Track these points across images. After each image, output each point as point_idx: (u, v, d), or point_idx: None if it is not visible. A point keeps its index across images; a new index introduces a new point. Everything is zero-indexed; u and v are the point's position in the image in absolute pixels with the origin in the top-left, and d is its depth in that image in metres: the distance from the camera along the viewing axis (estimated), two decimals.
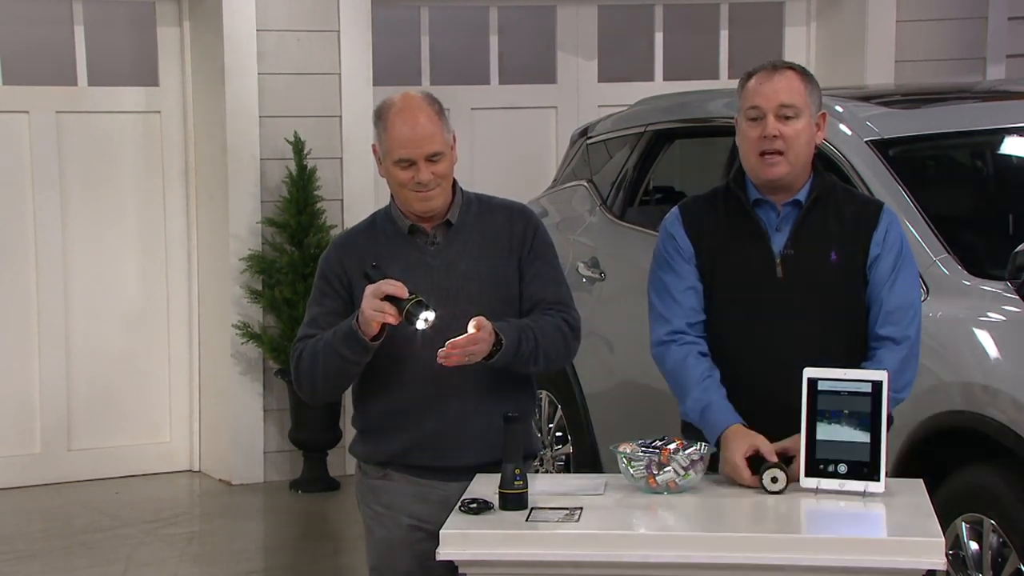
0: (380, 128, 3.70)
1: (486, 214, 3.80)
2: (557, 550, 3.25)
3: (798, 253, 3.72)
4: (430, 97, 3.73)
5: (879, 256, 3.71)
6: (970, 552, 4.27)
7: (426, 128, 3.65)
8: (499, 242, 3.76)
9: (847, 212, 3.77)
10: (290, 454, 7.56)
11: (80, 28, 7.56)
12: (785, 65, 3.79)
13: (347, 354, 3.59)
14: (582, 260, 6.13)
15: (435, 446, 3.71)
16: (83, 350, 7.66)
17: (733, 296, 3.74)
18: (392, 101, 3.71)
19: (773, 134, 3.67)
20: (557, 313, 3.73)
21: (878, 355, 3.66)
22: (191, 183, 7.79)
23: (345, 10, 7.58)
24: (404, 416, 3.72)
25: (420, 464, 3.74)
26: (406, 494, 3.77)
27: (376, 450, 3.79)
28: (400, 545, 3.77)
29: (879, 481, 3.42)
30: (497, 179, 7.87)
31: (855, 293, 3.72)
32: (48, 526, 7.06)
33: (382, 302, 3.50)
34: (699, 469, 3.50)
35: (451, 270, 3.72)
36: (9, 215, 7.49)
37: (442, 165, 3.68)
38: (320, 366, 3.65)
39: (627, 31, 8.62)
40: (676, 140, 6.06)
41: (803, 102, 3.71)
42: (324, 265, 3.79)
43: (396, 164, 3.67)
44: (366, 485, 3.84)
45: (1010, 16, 8.51)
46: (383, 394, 3.74)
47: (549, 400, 6.37)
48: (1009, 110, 5.47)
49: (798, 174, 3.73)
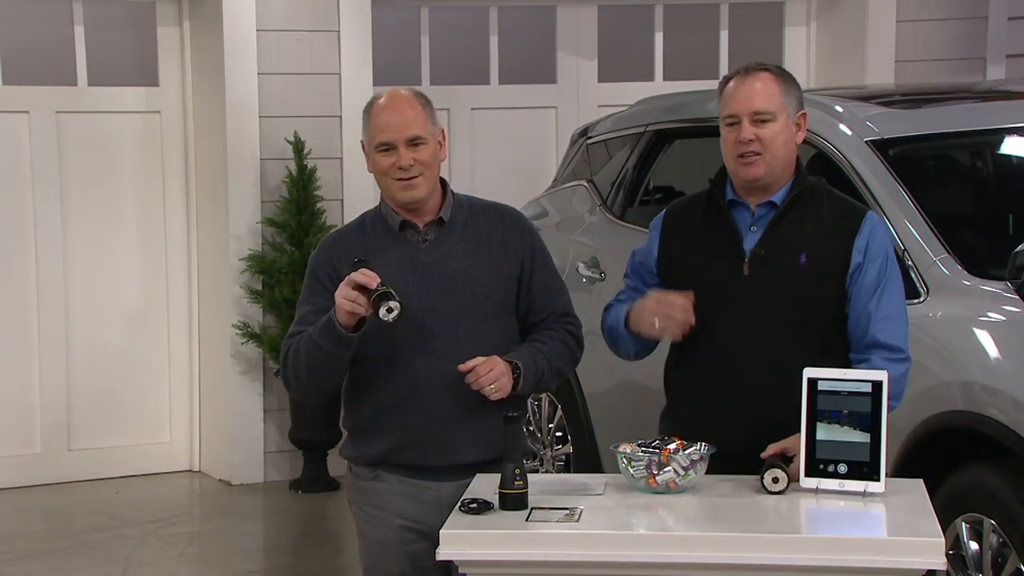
0: (366, 120, 3.75)
1: (477, 214, 3.82)
2: (557, 550, 3.25)
3: (768, 253, 3.74)
4: (417, 92, 3.78)
5: (862, 265, 3.71)
6: (970, 552, 4.27)
7: (407, 114, 3.69)
8: (493, 242, 3.78)
9: (827, 216, 3.77)
10: (290, 454, 7.56)
11: (80, 28, 7.56)
12: (760, 67, 3.78)
13: (326, 346, 3.60)
14: (582, 260, 6.13)
15: (425, 445, 3.71)
16: (83, 350, 7.66)
17: (701, 292, 3.74)
18: (378, 95, 3.77)
19: (749, 138, 3.70)
20: (562, 327, 3.81)
21: (873, 362, 3.65)
22: (191, 183, 7.80)
23: (345, 10, 7.58)
24: (393, 416, 3.71)
25: (410, 463, 3.74)
26: (397, 494, 3.76)
27: (366, 451, 3.78)
28: (393, 547, 3.76)
29: (879, 481, 3.42)
30: (497, 179, 7.89)
31: (824, 298, 3.72)
32: (48, 526, 7.06)
33: (353, 291, 3.51)
34: (699, 469, 3.50)
35: (443, 266, 3.72)
36: (9, 215, 7.50)
37: (424, 152, 3.69)
38: (303, 360, 3.66)
39: (627, 31, 8.62)
40: (676, 140, 6.06)
41: (778, 105, 3.72)
42: (314, 264, 3.80)
43: (377, 150, 3.70)
44: (357, 487, 3.83)
45: (1010, 16, 8.51)
46: (372, 394, 3.74)
47: (549, 400, 6.37)
48: (1009, 110, 5.46)
49: (777, 175, 3.75)
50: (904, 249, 4.58)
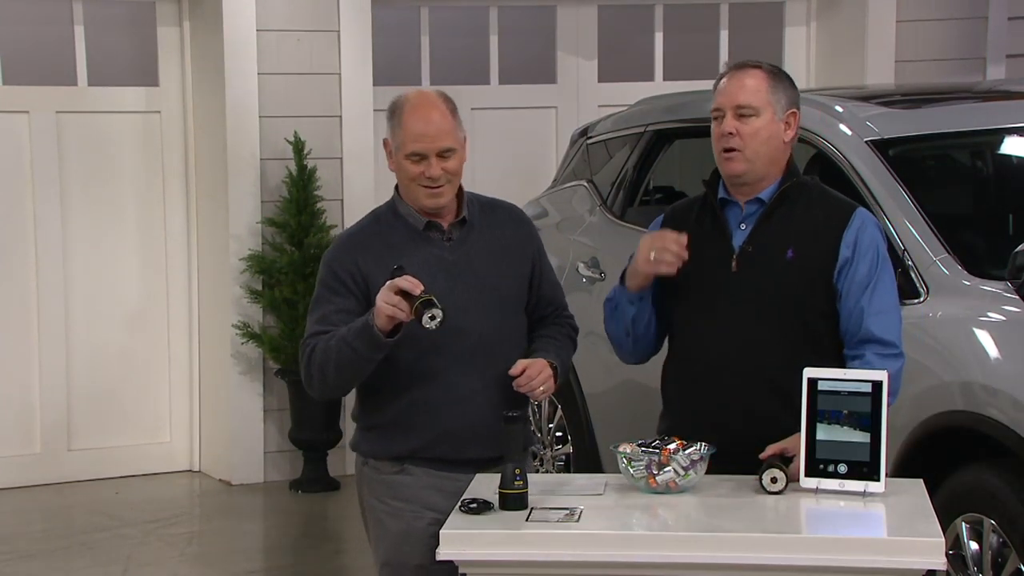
0: (394, 123, 3.75)
1: (489, 213, 3.88)
2: (557, 550, 3.25)
3: (756, 249, 3.76)
4: (444, 95, 3.80)
5: (850, 260, 3.71)
6: (970, 552, 4.27)
7: (439, 124, 3.71)
8: (510, 243, 3.86)
9: (816, 212, 3.78)
10: (290, 454, 7.56)
11: (80, 28, 7.56)
12: (752, 64, 3.81)
13: (360, 349, 3.61)
14: (582, 260, 6.13)
15: (456, 440, 3.75)
16: (83, 350, 7.66)
17: (689, 288, 3.78)
18: (407, 96, 3.77)
19: (729, 131, 3.74)
20: (563, 319, 3.94)
21: (867, 358, 3.65)
22: (191, 183, 7.80)
23: (345, 10, 7.58)
24: (426, 412, 3.75)
25: (442, 458, 3.77)
26: (426, 487, 3.78)
27: (393, 446, 3.80)
28: (418, 538, 3.75)
29: (879, 481, 3.42)
30: (497, 179, 7.88)
31: (812, 294, 3.72)
32: (48, 526, 7.06)
33: (395, 295, 3.53)
34: (699, 469, 3.51)
35: (469, 266, 3.78)
36: (9, 215, 7.50)
37: (452, 162, 3.72)
38: (333, 361, 3.67)
39: (627, 31, 8.62)
40: (676, 140, 6.06)
41: (763, 101, 3.74)
42: (335, 264, 3.79)
43: (408, 158, 3.71)
44: (379, 481, 3.83)
45: (1010, 16, 8.51)
46: (402, 392, 3.75)
47: (549, 400, 6.36)
48: (1009, 110, 5.46)
49: (760, 172, 3.76)
50: (904, 249, 4.58)
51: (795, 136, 3.83)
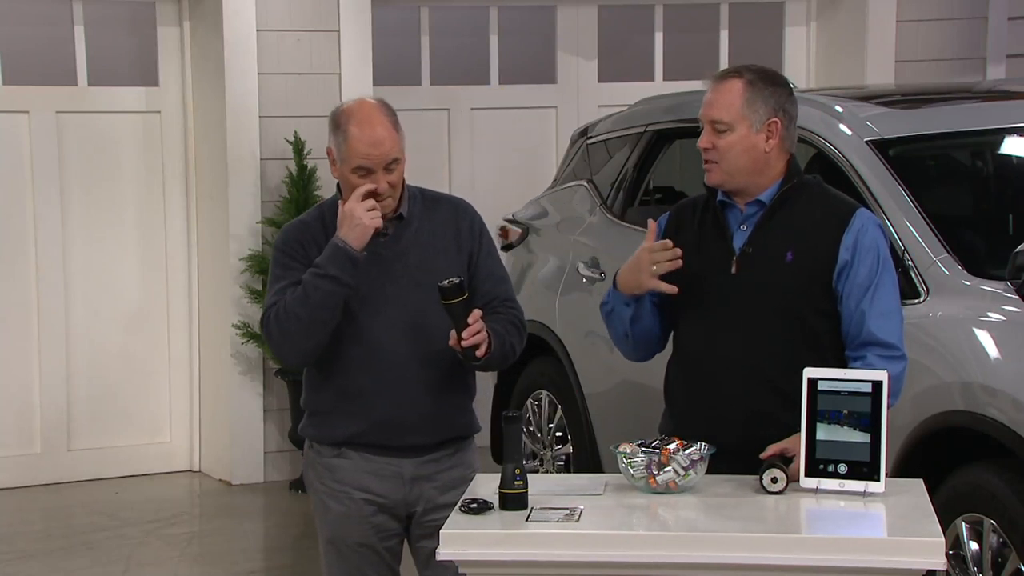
0: (339, 136, 3.81)
1: (431, 207, 3.96)
2: (557, 550, 3.25)
3: (755, 251, 3.75)
4: (385, 105, 3.86)
5: (850, 263, 3.69)
6: (970, 552, 4.27)
7: (383, 138, 3.78)
8: (447, 236, 3.92)
9: (817, 214, 3.76)
10: (290, 454, 7.56)
11: (80, 28, 7.56)
12: (733, 73, 3.78)
13: (335, 272, 3.72)
14: (582, 260, 6.13)
15: (388, 429, 3.86)
16: (83, 350, 7.66)
17: (690, 289, 3.77)
18: (351, 109, 3.83)
19: (704, 147, 3.75)
20: (508, 310, 3.95)
21: (868, 360, 3.65)
22: (191, 183, 7.80)
23: (345, 10, 7.58)
24: (359, 401, 3.86)
25: (374, 443, 3.89)
26: (361, 471, 3.92)
27: (330, 432, 3.93)
28: (356, 519, 3.94)
29: (879, 481, 3.42)
30: (497, 179, 7.89)
31: (811, 295, 3.71)
32: (48, 526, 7.06)
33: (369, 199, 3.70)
34: (699, 469, 3.50)
35: (402, 261, 3.86)
36: (9, 215, 7.50)
37: (397, 172, 3.82)
38: (306, 304, 3.75)
39: (627, 31, 8.62)
40: (676, 140, 6.06)
41: (735, 115, 3.71)
42: (284, 247, 3.90)
43: (354, 172, 3.79)
44: (320, 464, 3.97)
45: (1010, 16, 8.51)
46: (337, 379, 3.88)
47: (549, 400, 6.37)
48: (1009, 110, 5.47)
49: (741, 182, 3.75)
50: (904, 249, 4.58)
51: (782, 140, 3.75)
